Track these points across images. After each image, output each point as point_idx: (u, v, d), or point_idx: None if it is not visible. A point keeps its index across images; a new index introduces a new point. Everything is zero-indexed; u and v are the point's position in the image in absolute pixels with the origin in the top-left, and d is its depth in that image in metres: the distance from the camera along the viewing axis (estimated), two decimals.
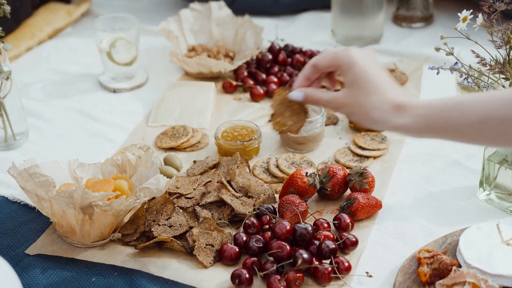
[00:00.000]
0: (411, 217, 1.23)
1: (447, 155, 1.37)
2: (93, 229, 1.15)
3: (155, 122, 1.49)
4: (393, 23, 1.83)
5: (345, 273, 1.11)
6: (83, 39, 1.79)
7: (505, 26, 1.14)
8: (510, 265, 1.07)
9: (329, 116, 1.48)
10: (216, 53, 1.65)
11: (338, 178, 1.25)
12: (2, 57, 1.34)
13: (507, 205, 1.23)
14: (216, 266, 1.14)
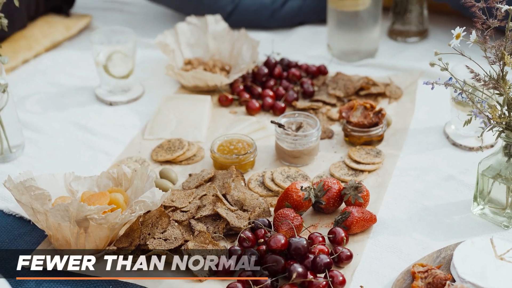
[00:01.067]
0: (406, 231, 1.23)
1: (442, 169, 1.38)
2: (88, 242, 1.15)
3: (151, 135, 1.49)
4: (388, 37, 1.84)
5: (339, 287, 1.11)
6: (80, 52, 1.80)
7: (499, 42, 1.15)
8: (504, 280, 1.08)
9: (324, 130, 1.48)
10: (212, 66, 1.66)
11: (333, 192, 1.25)
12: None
13: (501, 220, 1.23)
14: (211, 280, 1.14)
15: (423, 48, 1.79)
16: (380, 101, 1.58)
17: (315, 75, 1.66)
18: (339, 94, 1.58)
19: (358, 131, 1.42)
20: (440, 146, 1.45)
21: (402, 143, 1.45)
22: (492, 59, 1.16)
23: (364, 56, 1.74)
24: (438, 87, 1.25)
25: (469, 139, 1.44)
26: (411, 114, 1.53)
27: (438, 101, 1.55)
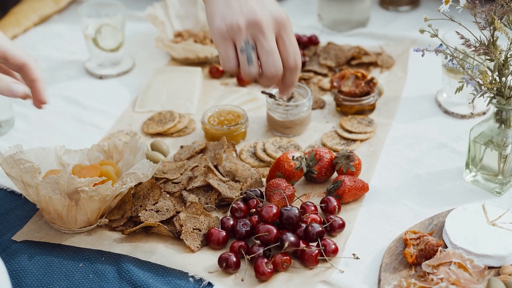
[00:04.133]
0: (398, 199, 1.23)
1: (434, 137, 1.37)
2: (79, 215, 1.14)
3: (142, 108, 1.48)
4: (380, 7, 1.83)
5: (332, 255, 1.11)
6: (69, 26, 1.78)
7: (488, 7, 1.14)
8: (496, 245, 1.08)
9: (316, 100, 1.48)
10: (202, 38, 1.65)
11: (324, 162, 1.25)
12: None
13: (493, 186, 1.23)
14: (204, 250, 1.14)
15: (415, 17, 1.78)
16: (372, 70, 1.57)
17: (306, 46, 1.65)
18: (330, 64, 1.57)
19: (350, 100, 1.42)
20: (432, 114, 1.44)
21: (394, 112, 1.44)
22: (482, 25, 1.15)
23: (355, 25, 1.72)
24: (429, 55, 1.25)
25: (461, 107, 1.44)
26: (403, 83, 1.53)
27: (430, 70, 1.54)
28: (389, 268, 1.09)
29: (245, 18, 1.09)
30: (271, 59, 1.09)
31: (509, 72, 1.15)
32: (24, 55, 1.01)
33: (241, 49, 1.10)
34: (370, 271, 1.10)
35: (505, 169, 1.21)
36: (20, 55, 1.01)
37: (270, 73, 1.10)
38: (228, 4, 1.10)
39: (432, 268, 1.06)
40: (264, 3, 1.10)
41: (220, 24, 1.10)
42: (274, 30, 1.10)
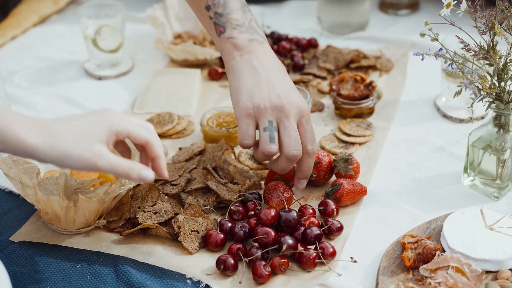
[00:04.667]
0: (396, 203, 1.23)
1: (432, 141, 1.38)
2: (78, 216, 1.14)
3: (141, 109, 1.49)
4: (379, 10, 1.83)
5: (330, 259, 1.11)
6: (69, 26, 1.78)
7: (489, 12, 1.14)
8: (493, 250, 1.08)
9: (315, 102, 1.48)
10: (202, 40, 1.65)
11: (323, 164, 1.25)
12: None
13: (491, 191, 1.24)
14: (201, 252, 1.14)
15: (414, 20, 1.78)
16: (371, 74, 1.57)
17: (305, 48, 1.65)
18: (329, 67, 1.57)
19: (349, 103, 1.42)
20: (430, 118, 1.44)
21: (392, 115, 1.44)
22: (482, 29, 1.15)
23: (354, 29, 1.73)
24: (428, 59, 1.25)
25: (460, 111, 1.44)
26: (402, 87, 1.53)
27: (429, 74, 1.54)
28: (387, 271, 1.09)
29: (272, 102, 1.16)
30: (293, 141, 1.15)
31: (509, 77, 1.16)
32: (146, 134, 1.04)
33: (264, 128, 1.16)
34: (368, 275, 1.10)
35: (503, 174, 1.22)
36: (142, 135, 1.04)
37: (291, 154, 1.15)
38: (257, 85, 1.17)
39: (430, 272, 1.06)
40: (289, 93, 1.17)
41: (246, 102, 1.16)
42: (296, 117, 1.17)
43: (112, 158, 1.00)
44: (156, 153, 1.05)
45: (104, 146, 0.99)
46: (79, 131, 0.98)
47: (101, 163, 0.98)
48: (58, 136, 0.97)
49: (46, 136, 0.96)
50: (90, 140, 0.98)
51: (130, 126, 1.02)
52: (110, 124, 1.00)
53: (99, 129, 0.99)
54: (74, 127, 0.99)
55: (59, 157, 0.96)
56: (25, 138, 0.95)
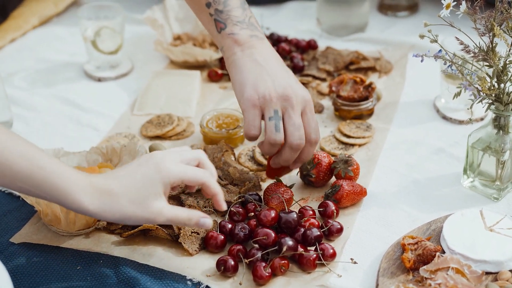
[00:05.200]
0: (396, 204, 1.24)
1: (432, 143, 1.38)
2: (78, 217, 1.14)
3: (141, 111, 1.49)
4: (378, 12, 1.84)
5: (330, 260, 1.12)
6: (68, 28, 1.78)
7: (488, 13, 1.14)
8: (493, 251, 1.09)
9: (315, 104, 1.48)
10: (201, 41, 1.65)
11: (323, 166, 1.25)
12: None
13: (490, 192, 1.24)
14: (202, 254, 1.14)
15: (413, 22, 1.78)
16: (370, 75, 1.57)
17: (305, 50, 1.65)
18: (329, 69, 1.57)
19: (348, 105, 1.42)
20: (430, 119, 1.45)
21: (392, 117, 1.45)
22: (482, 31, 1.15)
23: (354, 30, 1.73)
24: (428, 61, 1.25)
25: (459, 112, 1.44)
26: (401, 88, 1.53)
27: (428, 75, 1.54)
28: (387, 273, 1.09)
29: (277, 92, 1.17)
30: (297, 130, 1.16)
31: (508, 78, 1.16)
32: (201, 176, 1.05)
33: (269, 117, 1.16)
34: (368, 276, 1.10)
35: (503, 175, 1.22)
36: (197, 178, 1.05)
37: (296, 143, 1.16)
38: (260, 77, 1.18)
39: (430, 273, 1.06)
40: (292, 84, 1.18)
41: (251, 93, 1.17)
42: (301, 106, 1.18)
43: (170, 213, 1.03)
44: (213, 192, 1.07)
45: (161, 200, 1.03)
46: (135, 191, 1.01)
47: (160, 220, 1.03)
48: (117, 200, 1.00)
49: (105, 202, 1.00)
50: (147, 199, 1.01)
51: (183, 174, 1.04)
52: (164, 176, 1.02)
53: (154, 186, 1.02)
54: (130, 187, 1.01)
55: (119, 219, 1.02)
56: (87, 206, 0.99)
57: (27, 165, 0.96)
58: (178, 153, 1.07)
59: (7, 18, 1.76)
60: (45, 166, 0.97)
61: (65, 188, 0.98)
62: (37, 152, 0.98)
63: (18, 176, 0.96)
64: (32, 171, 0.96)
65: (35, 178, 0.97)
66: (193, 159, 1.07)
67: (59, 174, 0.98)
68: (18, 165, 0.96)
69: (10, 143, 0.97)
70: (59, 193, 0.98)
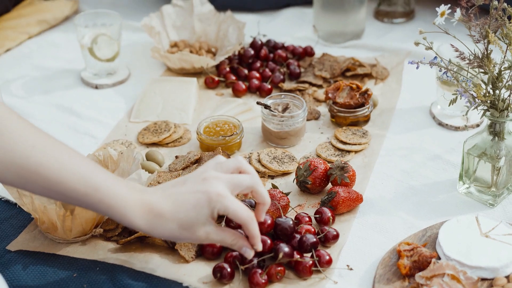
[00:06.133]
0: (392, 211, 1.24)
1: (428, 149, 1.38)
2: (74, 225, 1.15)
3: (137, 118, 1.49)
4: (374, 19, 1.84)
5: (326, 266, 1.12)
6: (65, 35, 1.79)
7: (483, 20, 1.15)
8: (489, 257, 1.09)
9: (311, 111, 1.48)
10: (198, 48, 1.65)
11: (319, 172, 1.25)
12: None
13: (486, 198, 1.24)
14: (198, 261, 1.14)
15: (410, 29, 1.79)
16: (367, 82, 1.58)
17: (301, 57, 1.66)
18: (325, 75, 1.58)
19: (345, 111, 1.43)
20: (426, 126, 1.45)
21: (388, 123, 1.45)
22: (477, 38, 1.16)
23: (350, 37, 1.73)
24: (424, 67, 1.25)
25: (455, 118, 1.44)
26: (397, 95, 1.53)
27: (424, 82, 1.55)
28: (383, 279, 1.09)
29: None
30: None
31: (503, 85, 1.16)
32: (244, 217, 1.05)
33: None
34: (364, 282, 1.11)
35: (498, 181, 1.22)
36: (241, 218, 1.05)
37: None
38: None
39: (426, 279, 1.06)
40: None
41: None
42: None
43: (217, 237, 1.05)
44: (252, 234, 1.06)
45: (209, 225, 1.04)
46: (185, 218, 1.02)
47: (207, 242, 1.07)
48: (166, 222, 1.02)
49: (156, 222, 1.02)
50: (196, 226, 1.03)
51: (230, 209, 1.04)
52: (214, 207, 1.03)
53: (203, 215, 1.03)
54: (180, 213, 1.03)
55: (168, 238, 1.05)
56: (138, 224, 1.02)
57: (83, 187, 1.00)
58: (233, 178, 1.05)
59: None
60: (100, 186, 1.01)
61: (119, 209, 1.01)
62: (92, 171, 1.02)
63: (73, 196, 1.01)
64: (87, 193, 1.00)
65: (90, 199, 1.01)
66: (247, 188, 1.06)
67: (113, 195, 1.01)
68: (74, 186, 1.00)
69: (67, 162, 1.01)
70: (113, 212, 1.02)
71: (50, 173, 0.99)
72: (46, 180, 0.99)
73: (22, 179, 0.99)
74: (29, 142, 1.00)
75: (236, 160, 1.08)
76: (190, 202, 1.03)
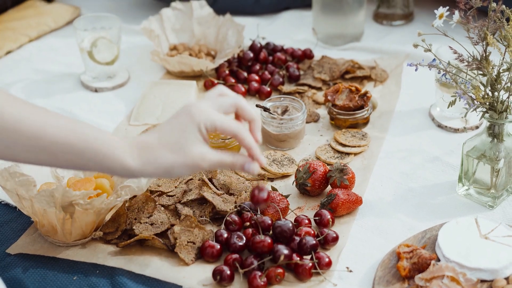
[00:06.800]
0: (391, 213, 1.24)
1: (427, 151, 1.38)
2: (74, 228, 1.15)
3: (137, 121, 1.49)
4: (373, 21, 1.84)
5: (325, 269, 1.12)
6: (65, 39, 1.79)
7: (481, 22, 1.15)
8: (488, 259, 1.09)
9: (310, 113, 1.49)
10: (197, 51, 1.66)
11: (318, 175, 1.25)
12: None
13: (485, 200, 1.24)
14: (198, 263, 1.14)
15: (409, 31, 1.79)
16: (366, 84, 1.58)
17: (300, 59, 1.66)
18: (324, 78, 1.58)
19: (344, 114, 1.43)
20: (425, 128, 1.45)
21: (387, 125, 1.45)
22: (475, 40, 1.16)
23: (349, 39, 1.74)
24: (422, 69, 1.25)
25: (454, 120, 1.45)
26: (397, 97, 1.54)
27: (423, 84, 1.55)
28: (382, 281, 1.09)
29: None
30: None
31: (502, 87, 1.16)
32: (234, 126, 1.03)
33: None
34: (363, 284, 1.11)
35: (498, 183, 1.22)
36: (230, 127, 1.03)
37: None
38: None
39: (425, 281, 1.06)
40: None
41: None
42: None
43: (214, 157, 1.01)
44: (246, 143, 1.03)
45: (202, 145, 1.01)
46: (173, 140, 1.00)
47: (204, 165, 1.01)
48: (156, 151, 0.99)
49: (147, 157, 0.99)
50: (186, 146, 1.00)
51: (216, 120, 1.01)
52: (198, 121, 1.00)
53: (191, 132, 1.00)
54: (167, 137, 1.00)
55: (165, 172, 1.01)
56: (130, 164, 0.99)
57: (68, 138, 0.97)
58: (215, 99, 1.04)
59: None
60: (85, 135, 0.98)
61: (107, 152, 0.98)
62: (75, 122, 0.99)
63: (57, 149, 0.97)
64: (72, 143, 0.97)
65: (76, 149, 0.97)
66: (231, 106, 1.04)
67: (101, 141, 0.98)
68: (57, 139, 0.96)
69: (48, 116, 0.98)
70: (102, 157, 0.98)
71: (31, 129, 0.96)
72: (27, 137, 0.96)
73: (2, 142, 0.96)
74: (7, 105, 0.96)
75: (235, 98, 1.05)
76: (174, 124, 1.01)
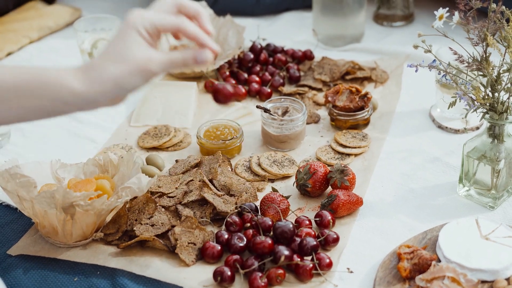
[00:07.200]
0: (392, 214, 1.24)
1: (428, 152, 1.38)
2: (75, 229, 1.15)
3: (138, 122, 1.49)
4: (374, 22, 1.84)
5: (326, 270, 1.12)
6: (65, 40, 1.79)
7: (481, 23, 1.15)
8: (489, 260, 1.09)
9: (311, 114, 1.49)
10: None
11: (319, 175, 1.26)
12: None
13: (486, 201, 1.24)
14: (198, 264, 1.14)
15: (409, 32, 1.79)
16: (366, 85, 1.58)
17: (301, 60, 1.66)
18: (325, 79, 1.58)
19: (344, 115, 1.43)
20: (425, 129, 1.45)
21: (388, 126, 1.45)
22: (475, 41, 1.16)
23: (349, 41, 1.74)
24: (423, 70, 1.26)
25: (455, 121, 1.45)
26: (397, 98, 1.54)
27: (424, 85, 1.55)
28: (383, 282, 1.09)
29: None
30: None
31: (502, 87, 1.16)
32: (174, 20, 1.00)
33: None
34: (364, 285, 1.11)
35: (498, 184, 1.22)
36: (170, 23, 1.00)
37: None
38: None
39: (426, 282, 1.06)
40: None
41: None
42: None
43: (161, 57, 0.98)
44: (192, 36, 1.01)
45: (146, 48, 0.97)
46: (113, 50, 0.97)
47: (153, 67, 0.98)
48: (100, 67, 0.96)
49: (91, 75, 0.96)
50: (128, 52, 0.96)
51: (152, 18, 0.98)
52: (135, 25, 0.97)
53: (129, 37, 0.97)
54: (107, 50, 0.97)
55: (114, 87, 0.97)
56: (77, 87, 0.96)
57: (18, 78, 0.95)
58: (152, 5, 1.02)
59: None
60: (33, 73, 0.96)
61: (56, 82, 0.95)
62: (21, 67, 0.98)
63: (13, 93, 0.95)
64: (24, 82, 0.95)
65: (29, 87, 0.95)
66: (171, 5, 1.02)
67: (47, 74, 0.96)
68: (10, 82, 0.95)
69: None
70: (52, 89, 0.96)
71: None
72: None
73: None
74: None
75: None
76: (113, 37, 0.98)
